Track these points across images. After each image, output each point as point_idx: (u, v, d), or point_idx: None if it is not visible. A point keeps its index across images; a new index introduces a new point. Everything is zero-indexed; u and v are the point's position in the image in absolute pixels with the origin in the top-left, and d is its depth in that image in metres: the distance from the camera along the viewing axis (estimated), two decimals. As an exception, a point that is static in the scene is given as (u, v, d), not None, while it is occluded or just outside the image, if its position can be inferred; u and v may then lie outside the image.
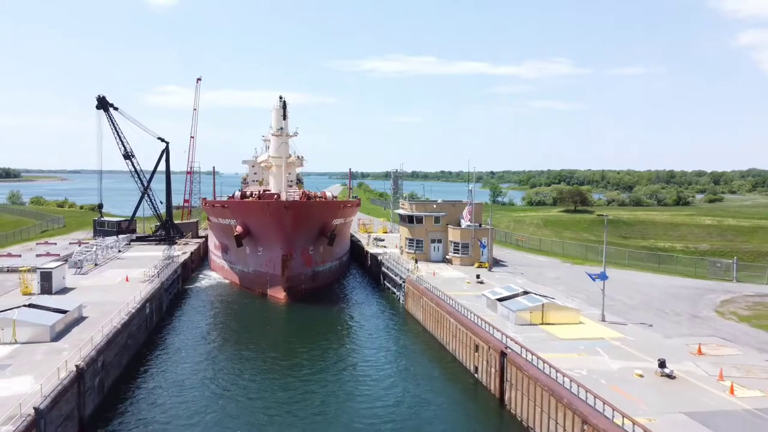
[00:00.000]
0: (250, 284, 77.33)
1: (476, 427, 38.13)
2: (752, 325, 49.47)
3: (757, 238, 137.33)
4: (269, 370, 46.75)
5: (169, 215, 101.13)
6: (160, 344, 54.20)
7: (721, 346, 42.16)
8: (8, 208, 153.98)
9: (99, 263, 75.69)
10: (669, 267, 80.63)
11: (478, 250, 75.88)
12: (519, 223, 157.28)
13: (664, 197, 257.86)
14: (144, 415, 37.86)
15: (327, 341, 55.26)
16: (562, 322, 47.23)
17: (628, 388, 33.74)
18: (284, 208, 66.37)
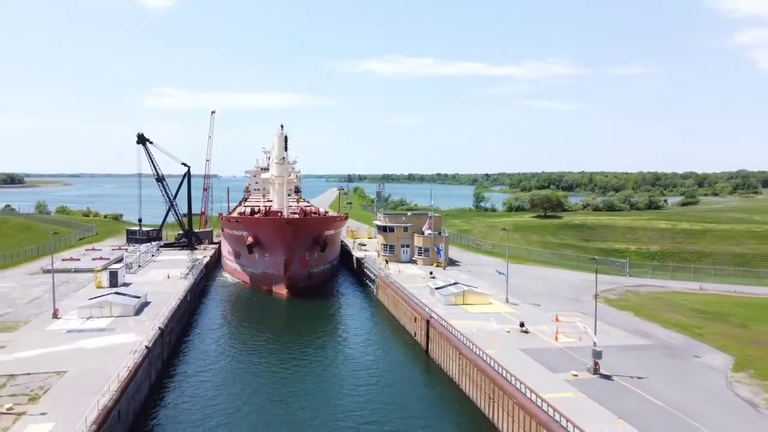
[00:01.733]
0: (259, 283, 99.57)
1: (411, 367, 60.69)
2: (610, 305, 72.20)
3: (704, 240, 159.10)
4: (275, 341, 69.30)
5: (190, 225, 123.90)
6: (198, 322, 77.01)
7: (575, 317, 64.77)
8: (41, 218, 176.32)
9: (142, 265, 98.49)
10: (586, 265, 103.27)
11: (436, 252, 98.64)
12: (491, 228, 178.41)
13: (637, 201, 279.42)
14: (193, 361, 60.59)
15: (318, 323, 77.65)
16: (476, 303, 69.94)
17: (497, 337, 56.33)
18: (286, 223, 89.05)
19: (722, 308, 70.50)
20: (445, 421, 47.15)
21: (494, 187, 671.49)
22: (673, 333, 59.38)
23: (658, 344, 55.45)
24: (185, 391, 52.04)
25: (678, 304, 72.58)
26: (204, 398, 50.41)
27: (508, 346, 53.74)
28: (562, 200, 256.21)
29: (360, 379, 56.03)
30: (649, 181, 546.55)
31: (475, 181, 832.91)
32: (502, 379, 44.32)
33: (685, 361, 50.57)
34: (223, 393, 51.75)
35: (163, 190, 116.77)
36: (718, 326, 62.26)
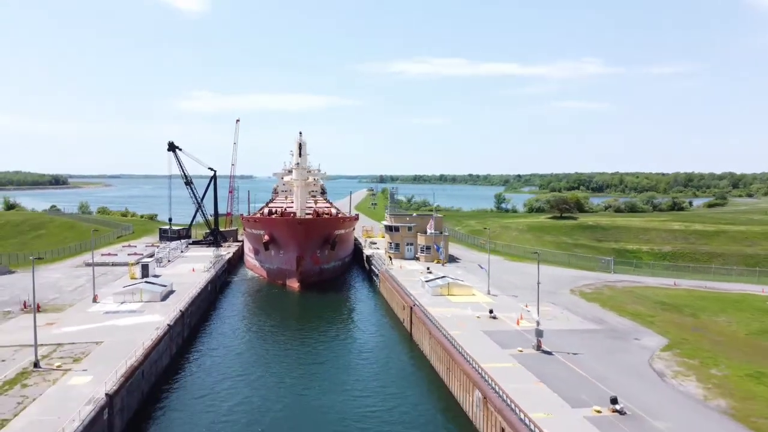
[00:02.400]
0: (274, 277, 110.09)
1: (396, 347, 70.00)
2: (583, 297, 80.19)
3: (716, 241, 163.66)
4: (283, 326, 79.59)
5: (216, 225, 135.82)
6: (218, 309, 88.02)
7: (542, 305, 73.06)
8: (83, 218, 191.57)
9: (171, 260, 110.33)
10: (578, 263, 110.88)
11: (436, 250, 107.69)
12: (505, 229, 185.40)
13: (660, 203, 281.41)
14: (211, 340, 71.26)
15: (324, 312, 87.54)
16: (460, 294, 78.91)
17: (466, 322, 65.28)
18: (298, 224, 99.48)
19: (683, 301, 77.80)
20: (414, 389, 56.33)
21: (524, 188, 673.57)
22: (625, 320, 67.37)
23: (607, 329, 63.63)
24: (201, 364, 62.59)
25: (645, 297, 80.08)
26: (218, 369, 60.82)
27: (474, 328, 62.68)
28: (583, 201, 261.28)
29: (351, 356, 65.84)
30: (681, 182, 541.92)
31: (506, 182, 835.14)
32: (456, 353, 53.41)
33: (623, 342, 58.70)
34: (235, 364, 62.20)
35: (192, 193, 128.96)
36: (671, 315, 69.88)
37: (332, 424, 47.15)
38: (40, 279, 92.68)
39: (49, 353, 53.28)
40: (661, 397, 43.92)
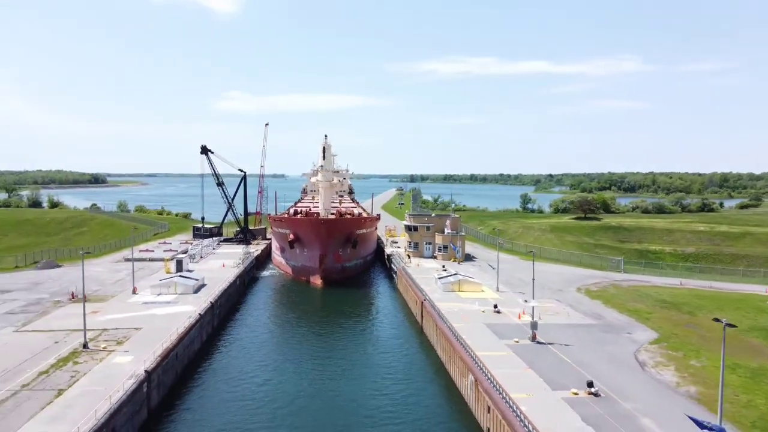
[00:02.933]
0: (298, 274, 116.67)
1: (407, 339, 75.59)
2: (588, 294, 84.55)
3: (741, 243, 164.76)
4: (308, 321, 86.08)
5: (246, 224, 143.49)
6: (246, 302, 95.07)
7: (547, 302, 77.89)
8: (122, 216, 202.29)
9: (203, 256, 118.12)
10: (590, 262, 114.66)
11: (452, 249, 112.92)
12: (527, 229, 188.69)
13: (688, 204, 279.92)
14: (238, 329, 78.14)
15: (345, 307, 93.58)
16: (469, 290, 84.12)
17: (471, 315, 70.58)
18: (320, 223, 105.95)
19: (684, 300, 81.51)
20: (420, 375, 61.98)
21: (554, 188, 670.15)
22: (623, 316, 71.74)
23: (603, 324, 68.19)
24: (230, 351, 69.37)
25: (647, 296, 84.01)
26: (244, 355, 67.55)
27: (477, 321, 68.01)
28: (609, 202, 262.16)
29: (366, 346, 71.83)
30: (716, 183, 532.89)
31: (537, 182, 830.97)
32: (456, 342, 58.89)
33: (615, 336, 63.30)
34: (260, 351, 68.87)
35: (223, 194, 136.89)
36: (668, 313, 73.92)
37: (345, 404, 53.15)
38: (85, 272, 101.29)
39: (95, 337, 60.60)
40: (636, 383, 48.68)
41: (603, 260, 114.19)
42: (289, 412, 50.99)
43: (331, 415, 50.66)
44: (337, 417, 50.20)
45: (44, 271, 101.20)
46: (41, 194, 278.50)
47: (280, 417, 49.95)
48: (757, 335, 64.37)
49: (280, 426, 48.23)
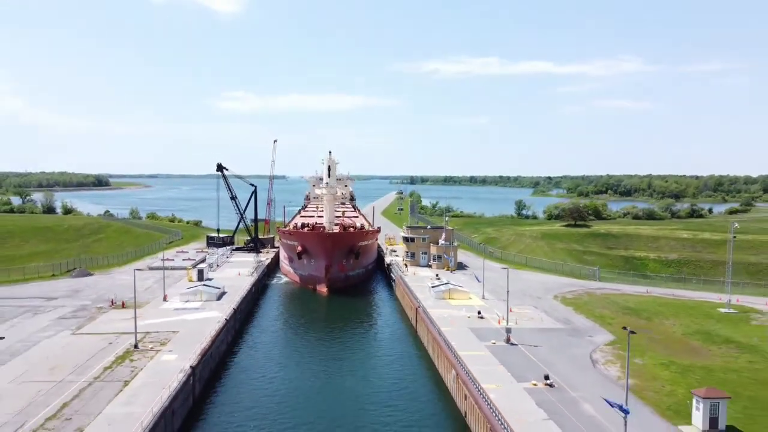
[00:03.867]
0: (305, 282, 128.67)
1: (403, 341, 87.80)
2: (562, 302, 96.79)
3: (722, 250, 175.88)
4: (315, 325, 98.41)
5: (256, 233, 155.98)
6: (261, 308, 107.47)
7: (525, 309, 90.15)
8: (136, 223, 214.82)
9: (219, 265, 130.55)
10: (570, 271, 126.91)
11: (446, 259, 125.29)
12: (519, 236, 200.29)
13: (678, 209, 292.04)
14: (256, 332, 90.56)
15: (348, 313, 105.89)
16: (459, 298, 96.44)
17: (458, 321, 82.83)
18: (326, 237, 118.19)
19: (646, 306, 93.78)
20: (413, 371, 74.20)
21: (551, 192, 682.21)
22: (589, 322, 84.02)
23: (570, 328, 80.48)
24: (251, 350, 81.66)
25: (615, 303, 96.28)
26: (262, 355, 79.89)
27: (462, 326, 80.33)
28: (601, 209, 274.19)
29: (367, 347, 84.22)
30: (710, 187, 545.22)
31: (536, 184, 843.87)
32: (443, 343, 71.23)
33: (578, 338, 75.57)
34: (277, 350, 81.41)
35: (236, 206, 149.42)
36: (628, 319, 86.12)
37: (350, 394, 65.37)
38: (115, 281, 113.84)
39: (141, 339, 72.91)
40: (585, 377, 60.95)
41: (582, 269, 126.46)
42: (304, 401, 63.24)
43: (338, 402, 62.92)
44: (343, 404, 62.47)
45: (80, 279, 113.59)
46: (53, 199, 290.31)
47: (297, 404, 62.20)
48: (698, 338, 76.63)
49: (297, 409, 60.46)
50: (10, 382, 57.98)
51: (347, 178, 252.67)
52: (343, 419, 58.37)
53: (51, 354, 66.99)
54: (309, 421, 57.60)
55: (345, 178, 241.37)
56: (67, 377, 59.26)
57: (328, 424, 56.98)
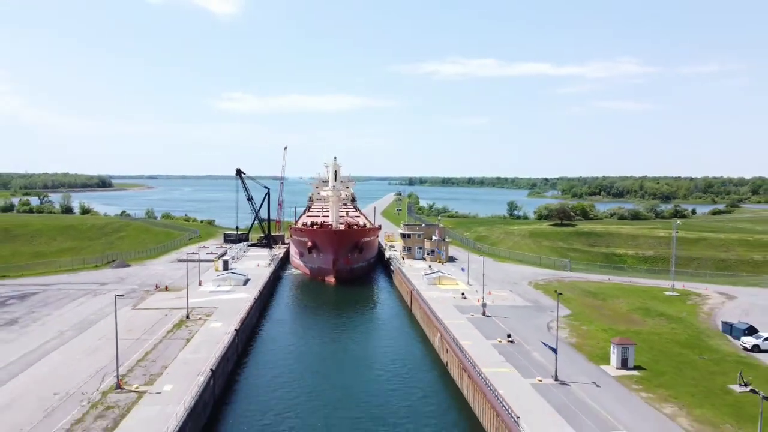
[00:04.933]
0: (315, 274, 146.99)
1: (400, 318, 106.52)
2: (535, 287, 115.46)
3: (695, 247, 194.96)
4: (325, 309, 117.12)
5: (269, 231, 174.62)
6: (278, 293, 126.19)
7: (502, 292, 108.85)
8: (154, 222, 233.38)
9: (238, 258, 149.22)
10: (547, 263, 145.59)
11: (438, 253, 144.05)
12: (508, 235, 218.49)
13: (662, 210, 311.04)
14: (277, 309, 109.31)
15: (353, 299, 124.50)
16: (447, 284, 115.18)
17: (445, 301, 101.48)
18: (334, 233, 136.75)
19: (604, 290, 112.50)
20: (408, 340, 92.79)
21: (547, 193, 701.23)
22: (553, 301, 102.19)
23: (537, 306, 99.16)
24: (273, 325, 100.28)
25: (578, 288, 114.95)
26: (284, 328, 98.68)
27: (448, 304, 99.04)
28: (588, 209, 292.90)
29: (369, 324, 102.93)
30: (701, 188, 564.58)
31: (533, 186, 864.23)
32: (432, 316, 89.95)
33: (541, 312, 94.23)
34: (295, 326, 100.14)
35: (252, 206, 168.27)
36: (587, 299, 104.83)
37: (354, 356, 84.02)
38: (151, 271, 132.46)
39: (189, 312, 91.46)
40: (540, 337, 79.51)
41: (557, 261, 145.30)
42: (321, 360, 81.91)
43: (346, 361, 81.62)
44: (351, 363, 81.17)
45: (120, 269, 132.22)
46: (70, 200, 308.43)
47: (315, 362, 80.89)
48: (639, 312, 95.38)
49: (315, 364, 79.07)
50: (98, 339, 76.75)
51: (349, 180, 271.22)
52: (352, 372, 77.15)
53: (121, 322, 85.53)
54: (326, 373, 76.26)
55: (347, 180, 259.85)
56: (141, 337, 78.02)
57: (340, 376, 75.66)
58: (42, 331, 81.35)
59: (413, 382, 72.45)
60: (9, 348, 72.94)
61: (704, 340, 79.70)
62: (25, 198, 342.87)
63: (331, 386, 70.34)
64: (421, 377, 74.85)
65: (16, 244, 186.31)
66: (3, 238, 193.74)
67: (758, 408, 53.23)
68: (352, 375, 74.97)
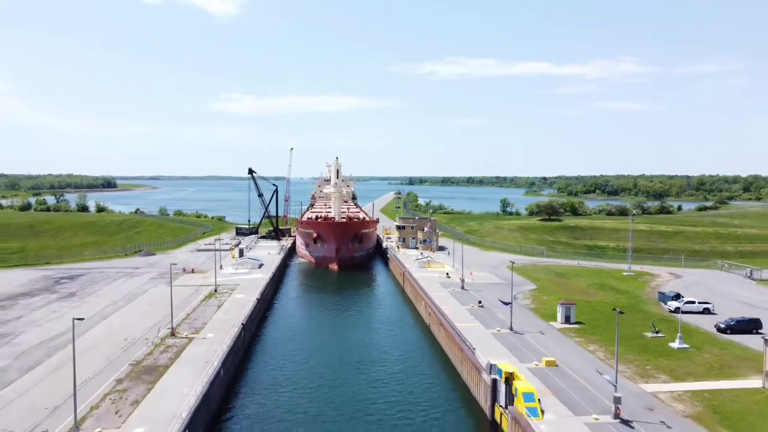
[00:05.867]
0: (320, 262, 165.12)
1: (395, 295, 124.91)
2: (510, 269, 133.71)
3: (673, 240, 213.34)
4: (329, 291, 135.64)
5: (277, 224, 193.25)
6: (287, 277, 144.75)
7: (482, 273, 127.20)
8: (168, 219, 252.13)
9: (251, 248, 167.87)
10: (526, 251, 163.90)
11: (429, 243, 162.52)
12: (498, 229, 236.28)
13: (648, 207, 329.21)
14: (287, 289, 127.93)
15: (354, 283, 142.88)
16: (435, 267, 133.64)
17: (432, 280, 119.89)
18: (336, 225, 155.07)
19: (570, 272, 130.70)
20: (400, 311, 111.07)
21: (543, 191, 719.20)
22: (524, 280, 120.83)
23: (509, 282, 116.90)
24: (285, 302, 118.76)
25: (549, 270, 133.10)
26: (294, 304, 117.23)
27: (434, 282, 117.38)
28: (577, 206, 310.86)
29: (368, 302, 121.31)
30: (694, 186, 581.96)
31: (532, 185, 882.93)
32: (419, 290, 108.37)
33: (526, 297, 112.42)
34: (304, 303, 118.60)
35: (262, 202, 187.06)
36: (554, 278, 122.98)
37: (354, 323, 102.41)
38: (174, 258, 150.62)
39: (216, 287, 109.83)
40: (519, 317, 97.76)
41: (535, 249, 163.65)
42: (327, 329, 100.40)
43: (349, 328, 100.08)
44: (353, 328, 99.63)
45: (148, 257, 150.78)
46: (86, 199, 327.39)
47: (320, 328, 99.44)
48: (595, 287, 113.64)
49: (321, 333, 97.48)
50: (146, 306, 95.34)
51: (349, 179, 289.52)
52: (354, 331, 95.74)
53: (160, 296, 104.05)
54: (331, 332, 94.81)
55: (348, 179, 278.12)
56: (180, 305, 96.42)
57: (343, 334, 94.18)
58: (97, 301, 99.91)
59: (403, 337, 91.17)
60: (76, 312, 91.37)
61: (641, 306, 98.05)
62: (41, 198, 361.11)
63: (337, 339, 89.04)
64: (409, 334, 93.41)
65: (42, 238, 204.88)
66: (29, 233, 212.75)
67: (660, 348, 72.18)
68: (353, 334, 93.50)
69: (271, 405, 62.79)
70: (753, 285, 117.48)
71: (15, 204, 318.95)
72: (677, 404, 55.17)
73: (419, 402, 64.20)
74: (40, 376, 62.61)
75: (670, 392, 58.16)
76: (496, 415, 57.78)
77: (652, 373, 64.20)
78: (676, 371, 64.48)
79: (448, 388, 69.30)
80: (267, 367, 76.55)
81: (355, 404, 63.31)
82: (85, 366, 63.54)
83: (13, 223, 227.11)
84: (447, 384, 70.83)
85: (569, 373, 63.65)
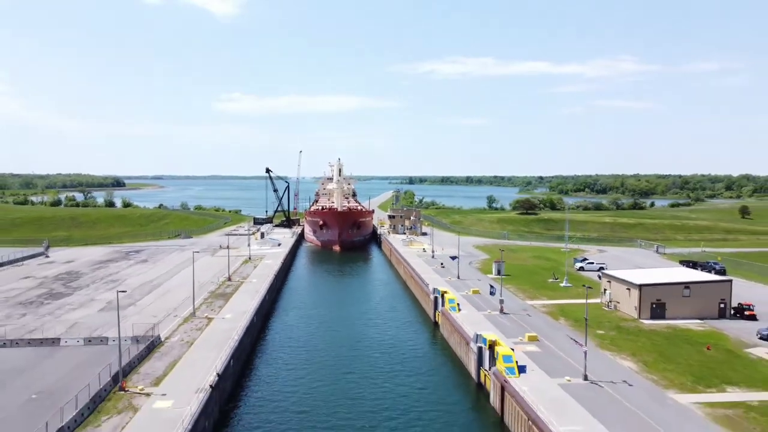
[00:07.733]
0: (325, 245, 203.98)
1: (384, 267, 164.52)
2: (475, 248, 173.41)
3: (633, 230, 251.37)
4: (333, 267, 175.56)
5: (288, 215, 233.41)
6: (298, 256, 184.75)
7: (452, 249, 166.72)
8: (190, 212, 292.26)
9: (268, 233, 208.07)
10: (494, 236, 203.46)
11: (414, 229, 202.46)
12: (479, 221, 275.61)
13: (623, 203, 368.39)
14: (299, 263, 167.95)
15: (353, 261, 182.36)
16: (416, 245, 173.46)
17: (412, 253, 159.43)
18: (339, 213, 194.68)
19: (520, 249, 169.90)
20: (388, 277, 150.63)
21: (536, 190, 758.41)
22: (482, 253, 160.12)
23: (469, 255, 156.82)
24: (299, 272, 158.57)
25: (506, 248, 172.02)
26: (305, 273, 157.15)
27: (414, 254, 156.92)
28: (556, 201, 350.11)
29: (364, 273, 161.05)
30: (678, 185, 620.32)
31: (528, 184, 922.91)
32: (401, 258, 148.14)
33: (471, 258, 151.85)
34: (314, 274, 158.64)
35: (276, 197, 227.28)
36: (505, 253, 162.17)
37: (353, 282, 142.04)
38: (209, 240, 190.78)
39: (249, 257, 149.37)
40: (470, 274, 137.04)
41: (500, 233, 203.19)
42: (332, 295, 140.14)
43: (349, 285, 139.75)
44: (353, 293, 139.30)
45: (187, 240, 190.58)
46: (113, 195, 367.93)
47: (327, 285, 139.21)
48: (534, 259, 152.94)
49: (327, 298, 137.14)
50: (203, 266, 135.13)
51: (350, 178, 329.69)
52: (353, 286, 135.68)
53: (208, 262, 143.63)
54: (336, 288, 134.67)
55: (348, 178, 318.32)
56: (226, 267, 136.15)
57: (345, 288, 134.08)
58: (165, 265, 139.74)
59: (387, 289, 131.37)
60: (153, 271, 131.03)
61: (559, 267, 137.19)
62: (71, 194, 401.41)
63: (341, 290, 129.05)
64: (391, 287, 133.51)
65: (83, 228, 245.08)
66: (72, 224, 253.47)
67: (553, 286, 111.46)
68: (353, 287, 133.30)
69: (301, 315, 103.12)
70: (657, 257, 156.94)
71: (46, 201, 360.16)
72: (542, 309, 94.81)
73: (402, 340, 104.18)
74: (153, 299, 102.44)
75: (541, 304, 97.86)
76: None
77: (537, 296, 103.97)
78: (553, 296, 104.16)
79: (417, 321, 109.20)
80: (294, 295, 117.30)
81: (354, 331, 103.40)
82: (178, 294, 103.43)
83: (57, 216, 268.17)
84: (414, 312, 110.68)
85: (488, 298, 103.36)
